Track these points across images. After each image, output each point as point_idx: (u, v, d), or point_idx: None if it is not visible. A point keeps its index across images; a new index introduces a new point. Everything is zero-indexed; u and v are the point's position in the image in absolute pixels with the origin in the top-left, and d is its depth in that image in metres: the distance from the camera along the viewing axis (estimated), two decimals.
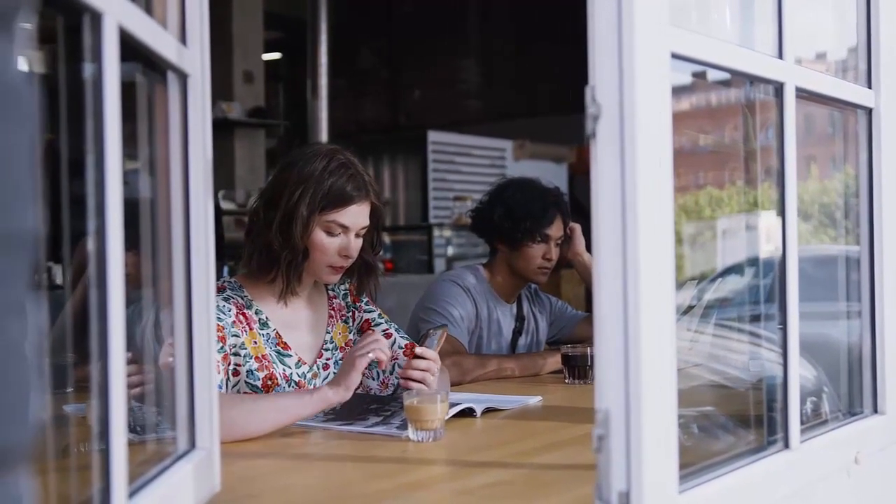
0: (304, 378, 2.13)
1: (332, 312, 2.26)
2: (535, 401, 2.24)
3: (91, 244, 0.96)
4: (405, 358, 2.20)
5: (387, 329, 2.28)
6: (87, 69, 0.95)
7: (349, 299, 2.30)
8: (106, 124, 0.94)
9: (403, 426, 1.82)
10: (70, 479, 1.16)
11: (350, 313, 2.29)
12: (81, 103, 0.95)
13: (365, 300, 2.32)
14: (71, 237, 1.02)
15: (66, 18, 0.92)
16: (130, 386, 1.00)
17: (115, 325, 0.95)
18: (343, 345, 2.25)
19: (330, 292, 2.29)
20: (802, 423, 1.46)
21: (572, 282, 6.07)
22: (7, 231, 0.49)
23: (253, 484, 1.52)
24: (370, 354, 1.90)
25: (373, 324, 2.28)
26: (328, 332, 2.23)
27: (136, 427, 1.27)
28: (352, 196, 2.07)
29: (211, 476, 1.33)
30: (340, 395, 1.88)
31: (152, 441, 1.39)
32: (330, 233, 2.08)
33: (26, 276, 0.53)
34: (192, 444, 1.30)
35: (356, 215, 2.09)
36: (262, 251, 2.09)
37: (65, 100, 0.97)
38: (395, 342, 2.24)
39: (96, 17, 0.93)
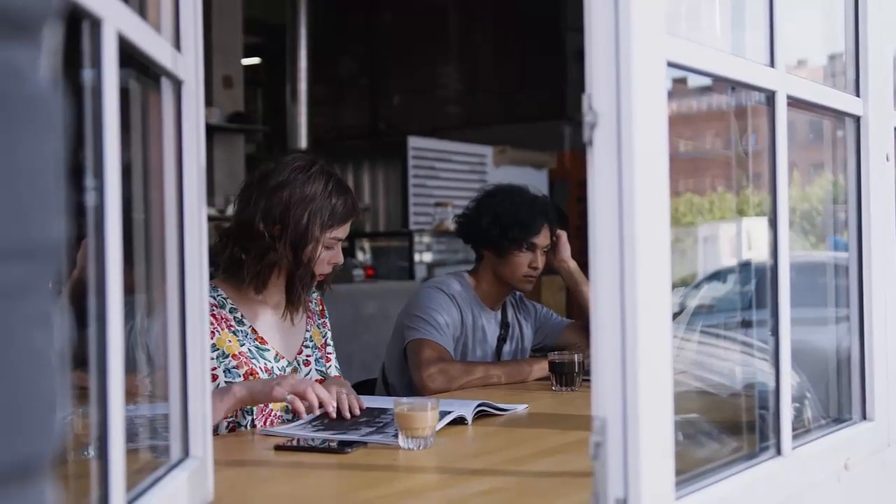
0: (284, 372, 2.19)
1: (310, 313, 2.34)
2: (521, 408, 2.24)
3: (87, 251, 0.95)
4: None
5: (330, 354, 2.37)
6: (86, 75, 0.94)
7: (318, 308, 2.38)
8: (105, 130, 0.93)
9: (398, 436, 1.81)
10: (63, 488, 1.14)
11: (322, 321, 2.38)
12: (79, 109, 0.94)
13: (322, 320, 2.39)
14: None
15: (65, 24, 0.91)
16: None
17: (113, 334, 0.94)
18: (320, 345, 2.32)
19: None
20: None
21: (552, 288, 6.08)
22: (34, 241, 0.49)
23: (245, 493, 1.51)
24: (288, 397, 1.93)
25: (325, 340, 2.36)
26: (307, 331, 2.30)
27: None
28: (351, 214, 2.18)
29: (204, 485, 1.32)
30: (240, 396, 1.92)
31: (143, 449, 1.38)
32: (329, 248, 2.17)
33: (51, 285, 0.52)
34: (186, 453, 1.29)
35: (348, 228, 2.21)
36: (268, 269, 2.13)
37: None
38: (330, 367, 2.34)
39: (96, 24, 0.92)
